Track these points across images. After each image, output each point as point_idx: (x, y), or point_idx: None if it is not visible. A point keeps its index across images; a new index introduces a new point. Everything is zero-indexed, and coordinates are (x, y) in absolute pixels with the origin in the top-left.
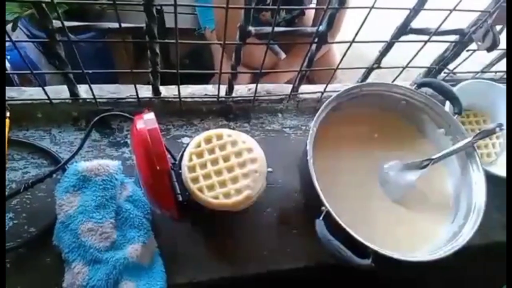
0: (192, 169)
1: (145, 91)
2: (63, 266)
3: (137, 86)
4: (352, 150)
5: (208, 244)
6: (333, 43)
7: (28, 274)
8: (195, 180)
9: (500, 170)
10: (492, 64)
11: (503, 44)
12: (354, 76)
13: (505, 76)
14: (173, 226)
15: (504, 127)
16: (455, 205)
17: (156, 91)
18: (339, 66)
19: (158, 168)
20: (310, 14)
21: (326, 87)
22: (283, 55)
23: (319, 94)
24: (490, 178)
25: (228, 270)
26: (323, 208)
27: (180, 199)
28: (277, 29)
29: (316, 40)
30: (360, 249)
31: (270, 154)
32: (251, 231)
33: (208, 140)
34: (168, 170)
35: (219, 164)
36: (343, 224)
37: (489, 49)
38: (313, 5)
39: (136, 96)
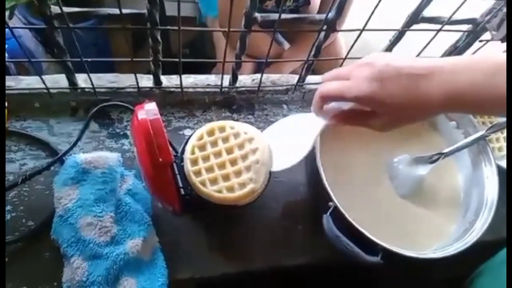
0: (194, 162)
1: (146, 81)
2: (62, 261)
3: (137, 75)
4: (361, 143)
5: (210, 239)
6: (342, 31)
7: (26, 268)
8: (198, 173)
9: None
10: None
11: None
12: None
13: None
14: (174, 221)
15: None
16: (465, 200)
17: (157, 81)
18: (347, 56)
19: (160, 160)
20: (315, 3)
21: None
22: (287, 45)
23: None
24: (502, 173)
25: (231, 266)
26: (330, 203)
27: (183, 192)
28: (284, 16)
29: (324, 28)
30: (368, 245)
31: None
32: (255, 226)
33: (210, 133)
34: (171, 162)
35: (222, 157)
36: (351, 220)
37: (504, 39)
38: None
39: (136, 86)
